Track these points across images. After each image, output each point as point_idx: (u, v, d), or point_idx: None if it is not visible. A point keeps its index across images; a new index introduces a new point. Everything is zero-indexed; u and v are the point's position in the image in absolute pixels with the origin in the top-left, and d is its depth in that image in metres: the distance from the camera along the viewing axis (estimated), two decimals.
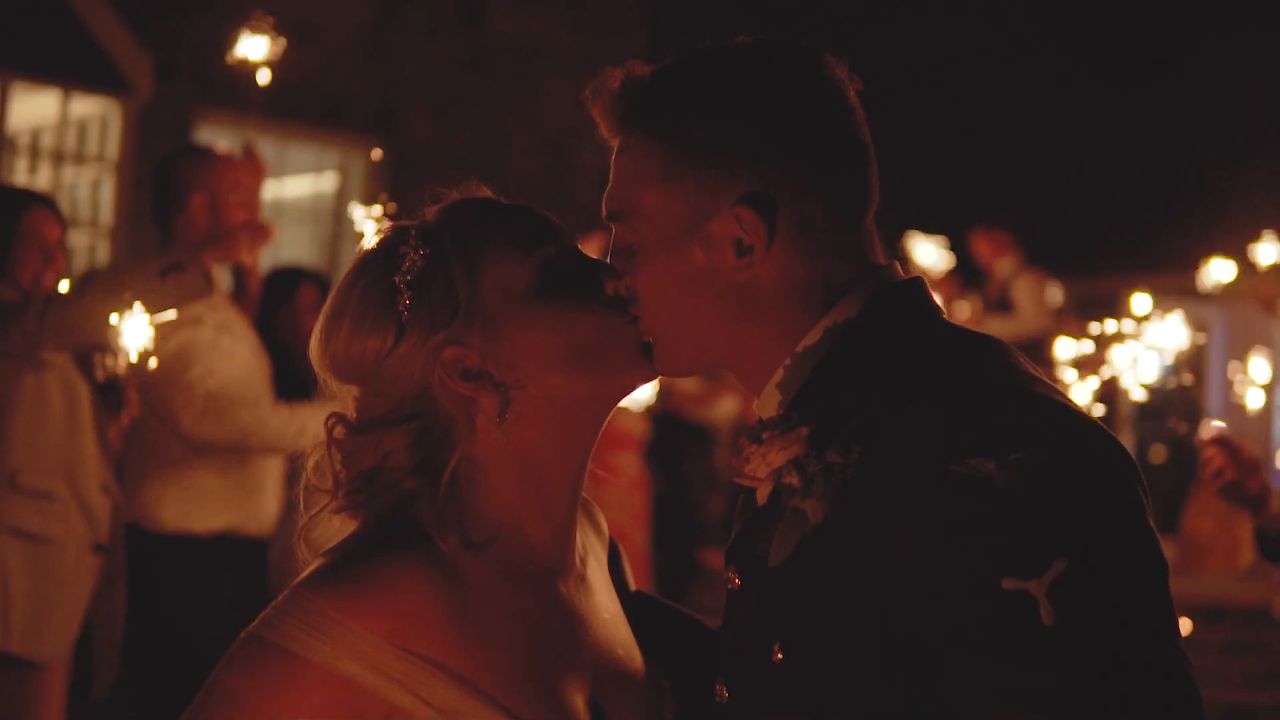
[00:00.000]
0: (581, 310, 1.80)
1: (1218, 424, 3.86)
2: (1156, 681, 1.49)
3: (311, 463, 1.83)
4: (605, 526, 2.08)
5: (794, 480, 1.66)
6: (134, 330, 4.24)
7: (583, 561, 1.91)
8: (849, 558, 1.58)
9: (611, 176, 1.80)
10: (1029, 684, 1.46)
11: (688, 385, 9.15)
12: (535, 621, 1.78)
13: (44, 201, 4.54)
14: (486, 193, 1.90)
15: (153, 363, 4.58)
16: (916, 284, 1.77)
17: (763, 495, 1.74)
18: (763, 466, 1.70)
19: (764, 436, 1.70)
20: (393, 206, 3.90)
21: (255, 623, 1.69)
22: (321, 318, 1.83)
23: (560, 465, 1.83)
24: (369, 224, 5.44)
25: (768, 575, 1.70)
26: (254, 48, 4.40)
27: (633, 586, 2.08)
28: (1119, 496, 1.56)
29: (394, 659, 1.65)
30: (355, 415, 1.82)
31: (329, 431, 1.81)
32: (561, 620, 1.81)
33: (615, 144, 1.80)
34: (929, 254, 9.73)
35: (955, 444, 1.54)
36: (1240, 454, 3.73)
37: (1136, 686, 1.47)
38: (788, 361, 1.73)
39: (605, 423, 1.88)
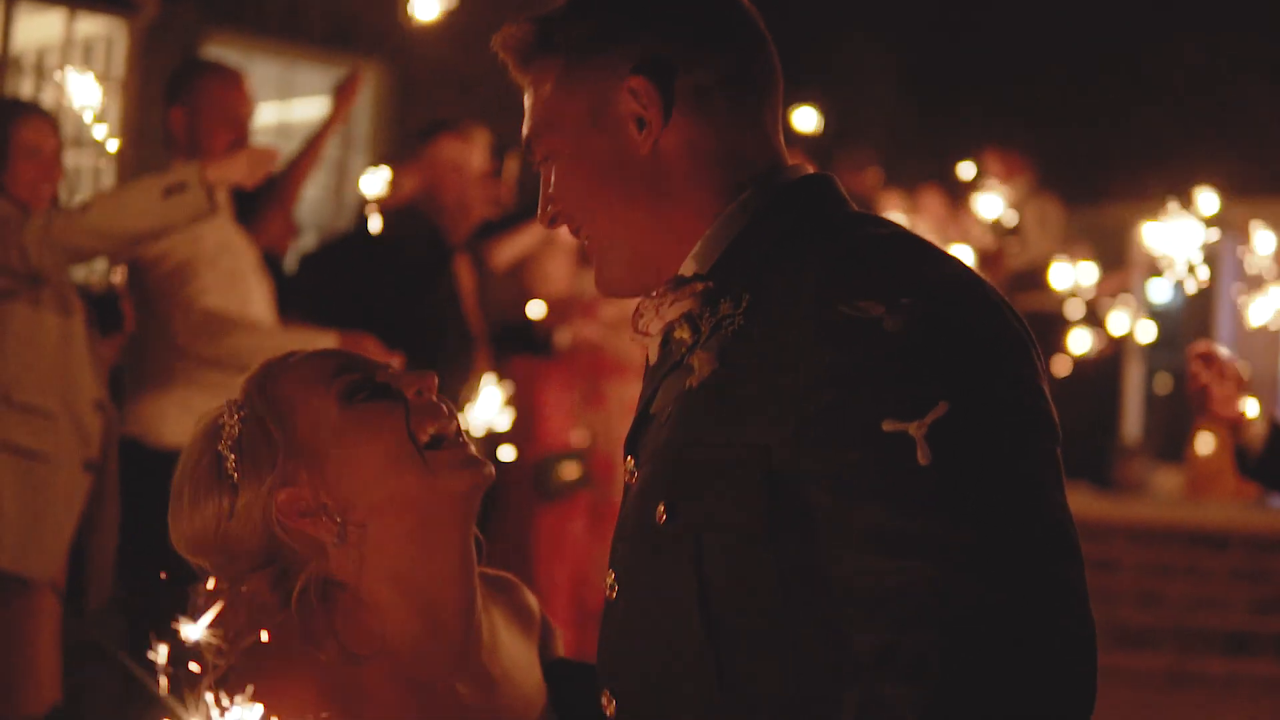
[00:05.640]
0: (386, 418, 1.87)
1: (1219, 347, 3.80)
2: (1034, 530, 1.48)
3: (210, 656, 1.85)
4: (534, 606, 2.13)
5: (685, 334, 1.66)
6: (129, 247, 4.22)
7: (490, 653, 1.96)
8: (734, 410, 1.58)
9: (526, 112, 1.82)
10: (903, 526, 1.46)
11: None
12: None
13: (38, 111, 4.47)
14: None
15: (150, 277, 4.58)
16: (828, 178, 1.78)
17: (653, 354, 1.74)
18: (656, 321, 1.70)
19: (659, 292, 1.71)
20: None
21: None
22: (170, 505, 1.93)
23: (438, 577, 1.89)
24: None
25: (649, 426, 1.71)
26: None
27: (560, 655, 2.12)
28: (1009, 353, 1.56)
29: None
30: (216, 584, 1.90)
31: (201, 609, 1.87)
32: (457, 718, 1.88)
33: (526, 81, 1.82)
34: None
35: (846, 286, 1.54)
36: (1225, 370, 3.66)
37: (1013, 532, 1.47)
38: (706, 231, 1.72)
39: (472, 523, 1.92)
